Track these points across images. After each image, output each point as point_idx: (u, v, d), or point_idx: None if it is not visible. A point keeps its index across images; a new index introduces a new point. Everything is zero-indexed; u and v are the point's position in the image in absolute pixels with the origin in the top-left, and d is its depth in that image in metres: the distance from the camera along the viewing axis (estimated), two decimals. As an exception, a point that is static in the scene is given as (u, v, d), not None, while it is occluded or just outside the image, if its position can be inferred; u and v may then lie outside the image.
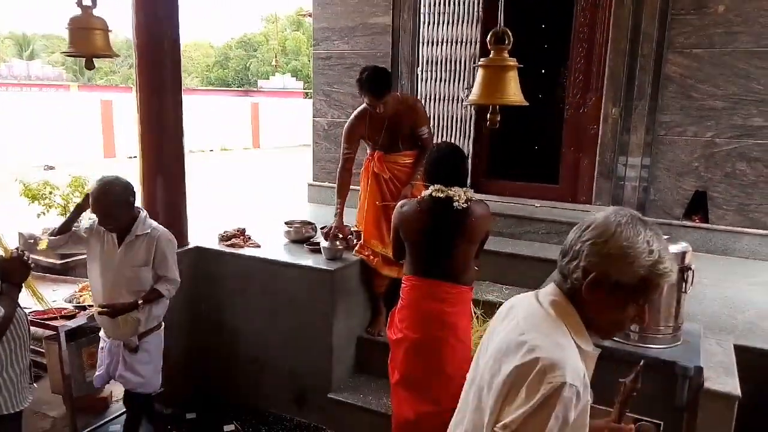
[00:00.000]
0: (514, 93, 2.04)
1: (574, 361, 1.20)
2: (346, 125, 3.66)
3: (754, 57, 3.74)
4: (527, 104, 2.19)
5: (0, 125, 14.43)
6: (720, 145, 3.92)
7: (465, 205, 2.64)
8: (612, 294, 1.23)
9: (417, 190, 3.38)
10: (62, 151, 15.11)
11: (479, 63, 2.16)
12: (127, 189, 2.73)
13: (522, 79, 2.29)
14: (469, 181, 4.71)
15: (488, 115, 2.21)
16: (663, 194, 4.14)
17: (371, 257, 3.59)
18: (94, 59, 2.60)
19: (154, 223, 2.89)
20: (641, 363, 1.38)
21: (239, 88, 32.28)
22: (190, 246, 3.82)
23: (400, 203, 2.84)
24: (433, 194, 2.66)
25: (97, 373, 3.04)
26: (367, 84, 3.33)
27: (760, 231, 3.85)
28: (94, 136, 17.00)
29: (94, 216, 2.81)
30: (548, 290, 1.34)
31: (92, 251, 2.87)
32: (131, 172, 3.73)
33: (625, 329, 1.32)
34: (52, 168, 13.47)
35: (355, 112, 3.65)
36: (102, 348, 3.00)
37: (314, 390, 3.59)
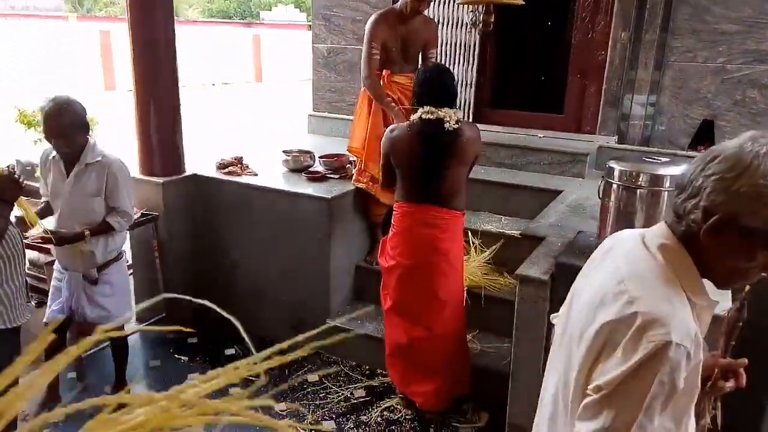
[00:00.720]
0: (509, -8, 1.93)
1: (682, 316, 1.01)
2: (369, 24, 3.41)
3: (773, -24, 3.54)
4: (522, 3, 2.08)
5: (-2, 56, 14.19)
6: (731, 72, 3.78)
7: (456, 126, 2.59)
8: (739, 240, 1.01)
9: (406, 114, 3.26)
10: (61, 83, 14.88)
11: None
12: (83, 110, 2.61)
13: (531, 6, 2.16)
14: (471, 110, 4.66)
15: (482, 16, 2.11)
16: (669, 123, 4.04)
17: (370, 184, 3.54)
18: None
19: (106, 150, 2.75)
20: (745, 290, 1.17)
21: (241, 20, 31.38)
22: (188, 173, 3.78)
23: (389, 128, 2.79)
24: (423, 116, 2.61)
25: (50, 309, 2.84)
26: None
27: None
28: (94, 67, 16.71)
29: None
30: (657, 231, 1.12)
31: (46, 184, 2.76)
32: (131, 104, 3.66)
33: (750, 280, 1.07)
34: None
35: (379, 12, 3.46)
36: (59, 280, 2.85)
37: (313, 317, 3.64)
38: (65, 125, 2.53)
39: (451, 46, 4.64)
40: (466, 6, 4.48)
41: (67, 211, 2.64)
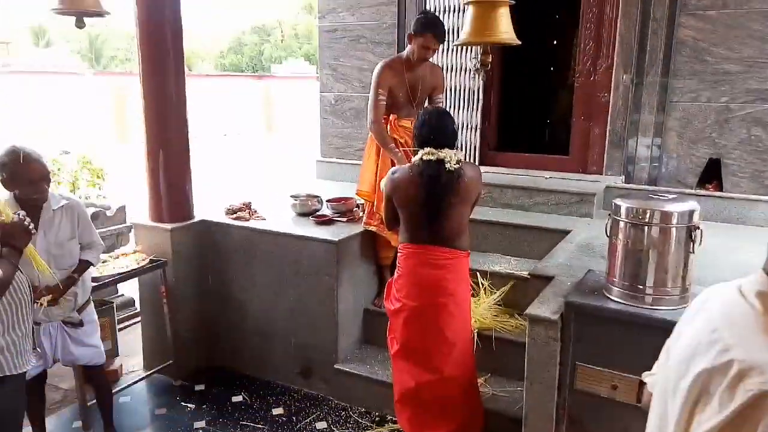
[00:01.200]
0: (505, 31, 1.98)
1: None
2: (376, 70, 3.50)
3: (770, 17, 3.61)
4: (519, 43, 2.12)
5: (16, 111, 14.59)
6: (734, 111, 3.80)
7: (457, 166, 2.62)
8: None
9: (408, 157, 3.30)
10: (77, 136, 15.23)
11: (468, 0, 2.09)
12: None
13: (533, 52, 2.20)
14: (476, 154, 4.70)
15: (480, 56, 2.15)
16: (676, 162, 4.04)
17: (381, 226, 3.53)
18: (84, 18, 2.56)
19: (64, 193, 2.76)
20: None
21: (253, 73, 32.24)
22: (196, 219, 3.82)
23: (391, 170, 2.81)
24: (424, 158, 2.64)
25: (33, 367, 2.48)
26: (433, 23, 3.31)
27: (777, 198, 3.75)
28: (109, 121, 17.12)
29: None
30: (755, 279, 1.06)
31: None
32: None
33: None
34: (67, 153, 13.59)
35: (385, 60, 3.56)
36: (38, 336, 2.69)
37: (321, 361, 3.59)
38: (45, 167, 2.55)
39: (455, 92, 4.72)
40: (469, 52, 4.60)
41: (45, 261, 2.52)
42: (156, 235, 3.69)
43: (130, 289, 4.58)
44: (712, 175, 3.95)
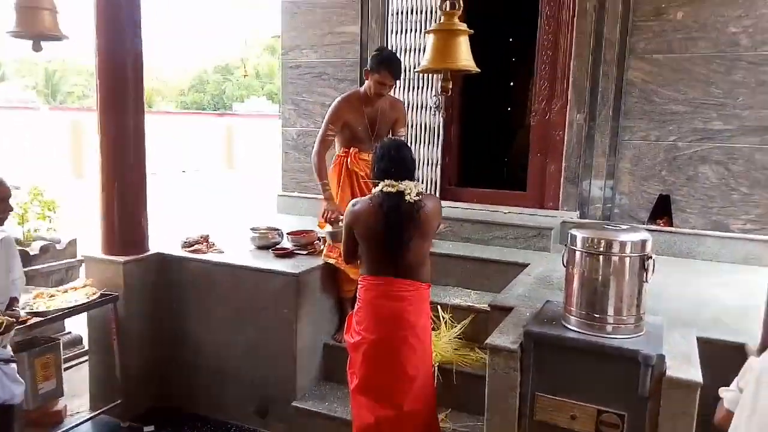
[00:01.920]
0: (465, 58, 2.03)
1: None
2: (333, 105, 3.59)
3: (712, 62, 3.82)
4: (479, 71, 2.18)
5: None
6: (682, 149, 3.97)
7: (417, 198, 2.62)
8: None
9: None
10: (30, 171, 14.80)
11: (430, 29, 2.15)
12: None
13: (491, 92, 2.28)
14: (437, 188, 4.76)
15: (440, 83, 2.19)
16: (628, 198, 4.17)
17: (340, 259, 3.51)
18: (41, 42, 2.52)
19: None
20: None
21: (215, 112, 32.16)
22: (151, 252, 3.71)
23: (351, 202, 2.81)
24: (384, 189, 2.64)
25: None
26: (389, 60, 3.38)
27: (723, 233, 3.89)
28: (64, 156, 16.72)
29: None
30: None
31: None
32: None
33: None
34: (17, 188, 13.16)
35: (343, 95, 3.63)
36: None
37: (278, 399, 3.49)
38: (6, 187, 2.50)
39: (416, 128, 4.80)
40: (428, 90, 4.71)
41: None
42: (108, 268, 3.57)
43: (78, 327, 4.39)
44: (662, 210, 4.09)
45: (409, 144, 4.53)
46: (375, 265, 2.73)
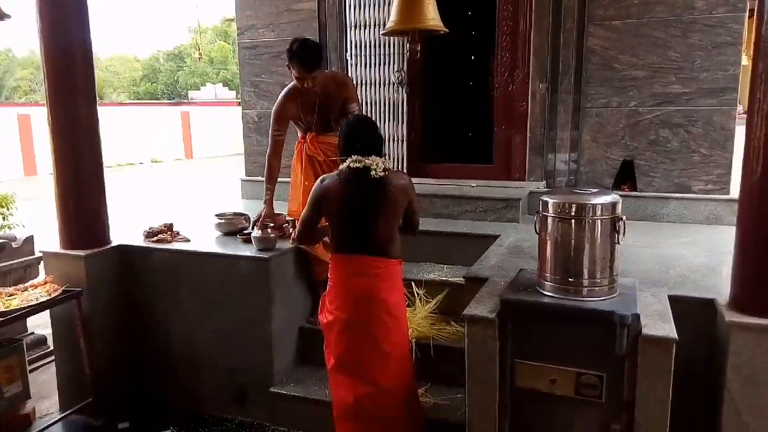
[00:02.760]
0: (432, 18, 1.98)
1: None
2: (275, 105, 3.52)
3: (669, 26, 3.86)
4: (446, 31, 2.13)
5: None
6: (643, 114, 4.03)
7: (383, 173, 2.59)
8: None
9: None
10: (-23, 170, 14.21)
11: None
12: None
13: (453, 66, 2.23)
14: (405, 165, 4.73)
15: (408, 45, 2.14)
16: (592, 166, 4.22)
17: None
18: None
19: None
20: None
21: (169, 101, 31.36)
22: (113, 244, 3.59)
23: (320, 178, 2.76)
24: (351, 165, 2.60)
25: None
26: (297, 54, 3.22)
27: (686, 195, 3.98)
28: (13, 152, 16.08)
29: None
30: None
31: None
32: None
33: None
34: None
35: (284, 92, 3.53)
36: None
37: (255, 386, 3.43)
38: None
39: (380, 105, 4.75)
40: (390, 66, 4.65)
41: None
42: (69, 263, 3.43)
43: (42, 327, 4.24)
44: (626, 176, 4.15)
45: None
46: (344, 243, 2.70)
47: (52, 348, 3.92)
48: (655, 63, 3.93)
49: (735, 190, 3.85)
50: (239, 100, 5.65)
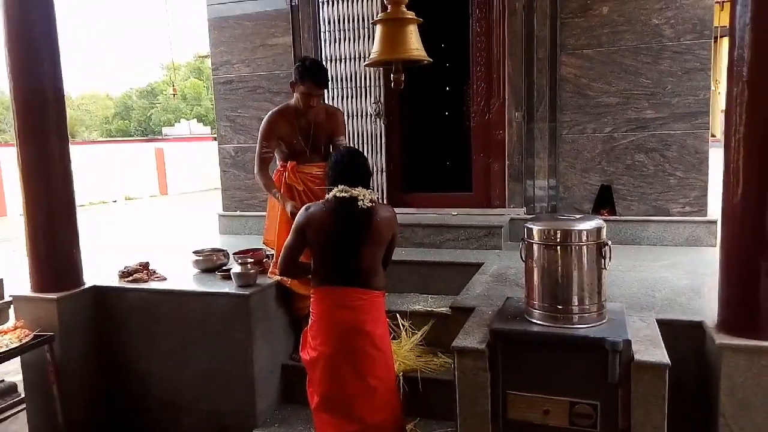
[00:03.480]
0: (416, 48, 1.98)
1: None
2: (264, 121, 3.46)
3: (639, 53, 3.95)
4: (430, 60, 2.13)
5: None
6: (618, 139, 4.09)
7: (369, 204, 2.56)
8: None
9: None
10: (-57, 213, 13.82)
11: (377, 19, 2.09)
12: None
13: (430, 97, 2.23)
14: (385, 195, 4.71)
15: (392, 75, 2.13)
16: (571, 191, 4.25)
17: (285, 277, 3.40)
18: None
19: None
20: None
21: (143, 138, 31.13)
22: (86, 286, 3.47)
23: (305, 205, 2.72)
24: (338, 194, 2.57)
25: None
26: (311, 70, 3.25)
27: (664, 218, 4.02)
28: (-19, 194, 15.69)
29: None
30: None
31: None
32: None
33: None
34: (-69, 232, 12.21)
35: (275, 109, 3.50)
36: None
37: (238, 427, 3.31)
38: None
39: (359, 137, 4.75)
40: (368, 98, 4.66)
41: None
42: (40, 307, 3.30)
43: (13, 374, 4.05)
44: (605, 200, 4.18)
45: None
46: (326, 275, 2.64)
47: (23, 396, 3.74)
48: (628, 89, 4.01)
49: (712, 212, 3.92)
50: (214, 135, 5.60)
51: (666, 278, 3.19)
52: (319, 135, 3.49)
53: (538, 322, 2.28)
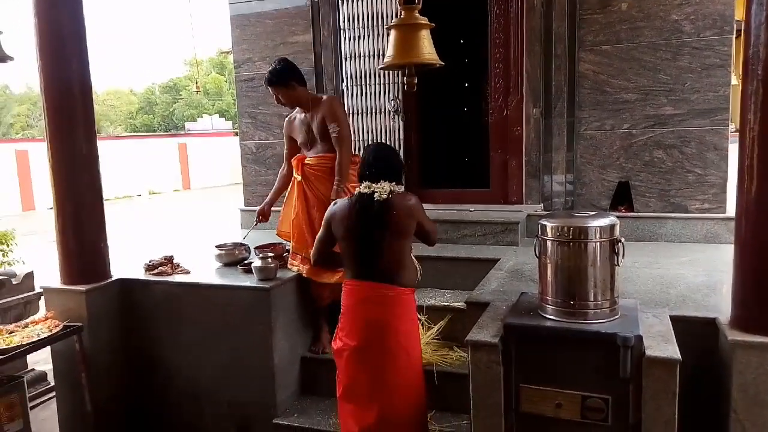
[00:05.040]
0: (428, 52, 2.03)
1: None
2: None
3: (658, 50, 3.94)
4: (442, 64, 2.18)
5: None
6: (636, 136, 4.08)
7: (385, 197, 2.59)
8: None
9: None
10: (-25, 206, 14.22)
11: (390, 24, 2.15)
12: None
13: (448, 94, 2.27)
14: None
15: (405, 78, 2.19)
16: (589, 188, 4.26)
17: (301, 266, 3.48)
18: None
19: None
20: None
21: (166, 133, 31.55)
22: (113, 278, 3.59)
23: (333, 202, 2.80)
24: (361, 190, 2.63)
25: None
26: (268, 76, 3.56)
27: (682, 214, 4.01)
28: (11, 188, 16.12)
29: None
30: None
31: None
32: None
33: None
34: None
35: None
36: None
37: (258, 418, 3.40)
38: None
39: (376, 133, 4.80)
40: (385, 95, 4.71)
41: None
42: (69, 298, 3.43)
43: (42, 363, 4.21)
44: (623, 197, 4.18)
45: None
46: (354, 269, 2.69)
47: (52, 384, 3.88)
48: (646, 86, 3.99)
49: (731, 209, 3.90)
50: (236, 131, 5.70)
51: (682, 275, 3.20)
52: (315, 126, 3.60)
53: (551, 317, 2.32)
